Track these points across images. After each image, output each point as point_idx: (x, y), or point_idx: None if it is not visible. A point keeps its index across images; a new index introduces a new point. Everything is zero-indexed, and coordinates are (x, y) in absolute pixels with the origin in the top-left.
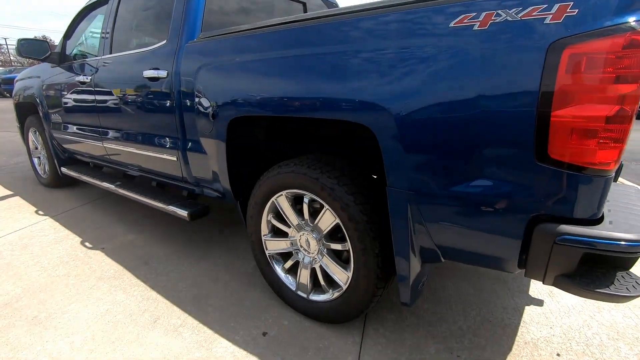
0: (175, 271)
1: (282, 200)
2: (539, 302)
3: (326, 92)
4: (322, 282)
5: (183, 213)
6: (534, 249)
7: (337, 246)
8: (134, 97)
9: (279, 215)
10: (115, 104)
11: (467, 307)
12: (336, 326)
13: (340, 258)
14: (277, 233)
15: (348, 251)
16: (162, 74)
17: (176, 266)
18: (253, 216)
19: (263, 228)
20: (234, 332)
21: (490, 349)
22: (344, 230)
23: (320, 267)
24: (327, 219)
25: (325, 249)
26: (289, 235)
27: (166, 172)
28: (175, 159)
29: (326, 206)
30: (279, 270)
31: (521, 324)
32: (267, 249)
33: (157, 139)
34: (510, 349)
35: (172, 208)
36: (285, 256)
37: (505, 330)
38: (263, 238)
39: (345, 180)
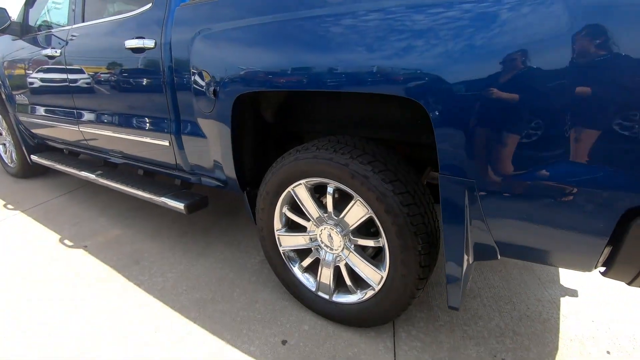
0: (172, 271)
1: (300, 191)
2: (573, 293)
3: (368, 61)
4: (348, 282)
5: (178, 205)
6: (627, 248)
7: (368, 242)
8: (115, 72)
9: (296, 207)
10: (91, 81)
11: (500, 301)
12: (363, 330)
13: (370, 255)
14: (292, 227)
15: (381, 248)
16: (149, 44)
17: (172, 265)
18: (264, 209)
19: (276, 222)
20: (249, 342)
21: (535, 349)
22: (379, 224)
23: (346, 265)
24: (357, 212)
25: (353, 245)
26: (308, 229)
27: (156, 159)
28: (167, 144)
29: (357, 197)
30: (295, 269)
31: (561, 318)
32: (281, 245)
33: (144, 121)
34: (556, 347)
35: (164, 200)
36: (302, 253)
37: (546, 326)
38: (276, 233)
39: (380, 166)
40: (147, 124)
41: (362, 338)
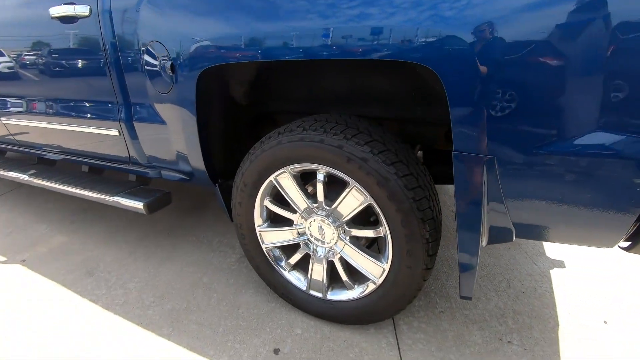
0: (134, 280)
1: (284, 179)
2: (561, 264)
3: (365, 20)
4: (344, 277)
5: (136, 204)
6: None
7: (365, 233)
8: (41, 51)
9: (279, 199)
10: (14, 64)
11: (494, 280)
12: (361, 328)
13: (364, 245)
14: (276, 222)
15: (382, 238)
16: (82, 11)
17: (134, 273)
18: (242, 203)
19: (257, 217)
20: (237, 356)
21: (537, 327)
22: (380, 212)
23: (341, 259)
24: (353, 200)
25: (348, 237)
26: (294, 223)
27: (104, 153)
28: (116, 133)
29: (353, 183)
30: (281, 267)
31: (555, 290)
32: (263, 242)
33: (85, 108)
34: (557, 322)
35: (117, 199)
36: (288, 249)
37: (543, 301)
38: (258, 229)
39: (378, 146)
40: (89, 112)
41: (361, 336)
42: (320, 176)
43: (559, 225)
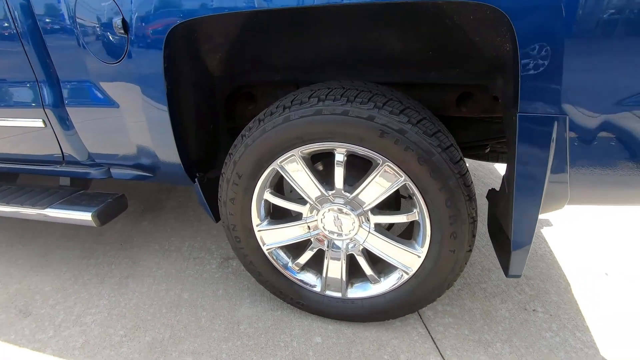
0: (91, 312)
1: (291, 165)
2: (547, 222)
3: None
4: (369, 271)
5: (81, 216)
6: None
7: (396, 219)
8: None
9: (279, 190)
10: None
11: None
12: (386, 324)
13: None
14: (277, 217)
15: (414, 223)
16: None
17: (88, 302)
18: (236, 199)
19: (255, 214)
20: None
21: (553, 289)
22: (418, 192)
23: (364, 250)
24: (383, 182)
25: (372, 225)
26: (304, 216)
27: (25, 152)
28: (40, 124)
29: (384, 161)
30: (289, 270)
31: (553, 251)
32: (264, 244)
33: None
34: (568, 282)
35: (53, 212)
36: (295, 248)
37: (547, 262)
38: (257, 229)
39: (415, 114)
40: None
41: (389, 332)
42: (339, 157)
43: (617, 187)
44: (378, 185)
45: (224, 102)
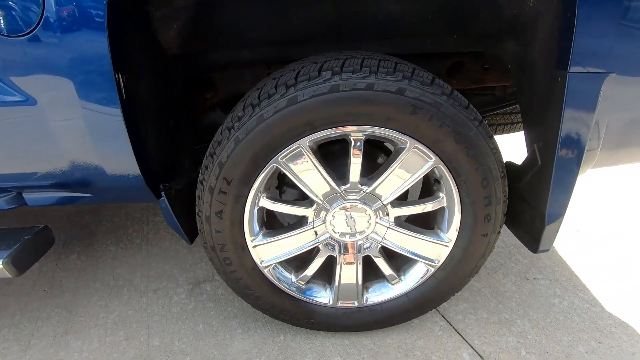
0: None
1: (297, 160)
2: None
3: None
4: (388, 271)
5: None
6: None
7: (421, 208)
8: None
9: (279, 191)
10: None
11: None
12: (403, 326)
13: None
14: (270, 227)
15: (439, 210)
16: None
17: None
18: (224, 211)
19: (248, 228)
20: None
21: (542, 255)
22: (449, 175)
23: (382, 249)
24: (410, 168)
25: (392, 220)
26: (309, 220)
27: None
28: None
29: (413, 143)
30: (293, 286)
31: None
32: (262, 260)
33: None
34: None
35: None
36: (296, 260)
37: None
38: (252, 245)
39: (445, 86)
40: None
41: (410, 334)
42: (356, 143)
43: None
44: (403, 173)
45: (181, 90)
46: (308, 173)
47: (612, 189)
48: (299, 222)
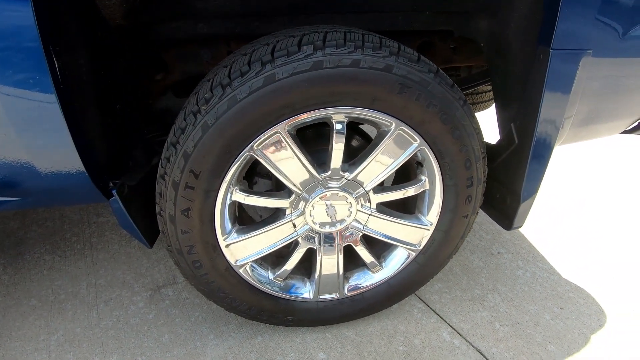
0: None
1: (274, 146)
2: None
3: None
4: (370, 258)
5: None
6: None
7: (403, 193)
8: None
9: (249, 182)
10: None
11: None
12: (383, 313)
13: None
14: (246, 221)
15: (420, 194)
16: None
17: None
18: (192, 209)
19: (219, 225)
20: None
21: (502, 230)
22: (433, 157)
23: (363, 237)
24: (394, 151)
25: (375, 206)
26: (286, 212)
27: None
28: None
29: (398, 125)
30: (270, 283)
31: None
32: (237, 260)
33: None
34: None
35: None
36: (272, 256)
37: None
38: (224, 244)
39: (431, 64)
40: None
41: (391, 320)
42: (338, 126)
43: (608, 119)
44: (386, 158)
45: (126, 70)
46: (286, 161)
47: (554, 164)
48: (275, 215)
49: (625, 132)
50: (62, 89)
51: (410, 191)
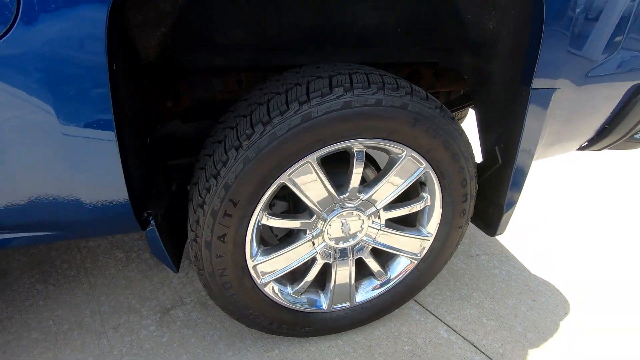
0: None
1: (303, 175)
2: None
3: None
4: (377, 268)
5: None
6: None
7: (408, 209)
8: None
9: (275, 207)
10: None
11: None
12: (384, 317)
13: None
14: (266, 241)
15: (421, 210)
16: None
17: None
18: (227, 235)
19: (249, 248)
20: None
21: (476, 232)
22: (435, 178)
23: (373, 250)
24: (403, 174)
25: (384, 222)
26: (306, 232)
27: None
28: None
29: (409, 152)
30: (290, 298)
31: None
32: (261, 278)
33: None
34: None
35: None
36: (288, 273)
37: None
38: (252, 264)
39: (437, 100)
40: None
41: (394, 323)
42: (358, 154)
43: (567, 140)
44: (397, 180)
45: (142, 97)
46: (312, 185)
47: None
48: (295, 234)
49: (580, 149)
50: (118, 125)
51: (415, 207)
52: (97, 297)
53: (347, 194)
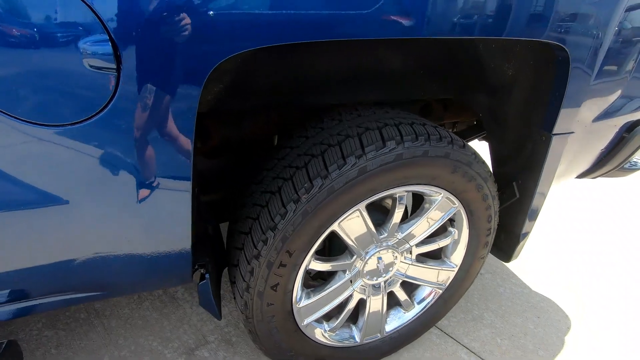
0: None
1: (351, 221)
2: None
3: None
4: (404, 297)
5: None
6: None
7: (438, 245)
8: None
9: (321, 250)
10: None
11: None
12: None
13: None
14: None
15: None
16: None
17: None
18: (279, 284)
19: (296, 292)
20: None
21: None
22: (464, 215)
23: (403, 283)
24: (437, 214)
25: (415, 256)
26: (346, 272)
27: None
28: None
29: (445, 194)
30: (328, 336)
31: None
32: (303, 320)
33: None
34: None
35: None
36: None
37: None
38: (296, 308)
39: (472, 150)
40: None
41: (418, 349)
42: (401, 199)
43: (569, 172)
44: (431, 219)
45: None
46: (358, 229)
47: None
48: (334, 274)
49: (577, 177)
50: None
51: (443, 242)
52: (115, 340)
53: (386, 234)
